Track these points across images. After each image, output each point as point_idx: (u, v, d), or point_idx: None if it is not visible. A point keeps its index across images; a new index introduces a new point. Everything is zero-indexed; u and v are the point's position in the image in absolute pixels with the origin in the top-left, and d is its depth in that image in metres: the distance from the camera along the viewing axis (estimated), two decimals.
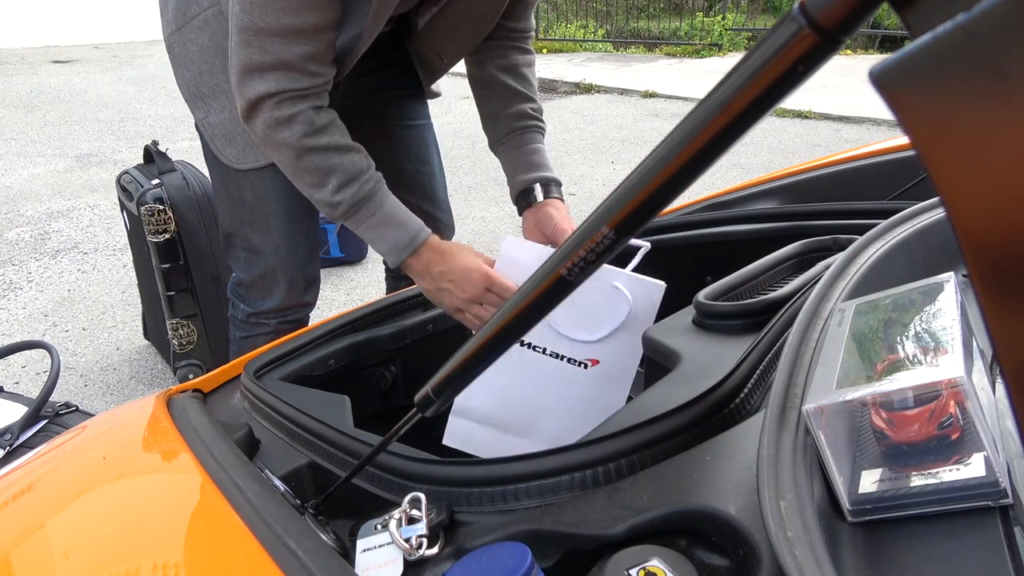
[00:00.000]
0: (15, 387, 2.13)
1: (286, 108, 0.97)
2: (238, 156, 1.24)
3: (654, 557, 0.45)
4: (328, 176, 1.01)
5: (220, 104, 1.24)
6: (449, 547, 0.54)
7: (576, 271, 0.43)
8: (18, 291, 2.83)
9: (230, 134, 1.24)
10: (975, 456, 0.41)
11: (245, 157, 1.24)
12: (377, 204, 1.03)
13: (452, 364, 0.51)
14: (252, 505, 0.56)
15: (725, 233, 1.14)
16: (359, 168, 1.02)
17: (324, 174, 1.01)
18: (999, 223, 0.24)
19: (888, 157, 1.32)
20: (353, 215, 1.03)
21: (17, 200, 3.87)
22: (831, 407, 0.45)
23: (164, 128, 5.36)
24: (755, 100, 0.32)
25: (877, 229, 0.75)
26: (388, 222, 1.03)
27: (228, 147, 1.25)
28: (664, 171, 0.37)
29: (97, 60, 8.77)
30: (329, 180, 1.01)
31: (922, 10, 0.26)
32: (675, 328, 0.78)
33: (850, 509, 0.44)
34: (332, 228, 2.98)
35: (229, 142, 1.25)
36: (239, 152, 1.24)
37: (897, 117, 0.25)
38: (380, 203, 1.03)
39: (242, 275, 1.35)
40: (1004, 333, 0.26)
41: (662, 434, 0.55)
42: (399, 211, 1.04)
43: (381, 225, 1.03)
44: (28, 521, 0.63)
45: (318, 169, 1.01)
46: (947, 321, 0.48)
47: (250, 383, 0.82)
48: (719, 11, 9.72)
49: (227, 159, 1.26)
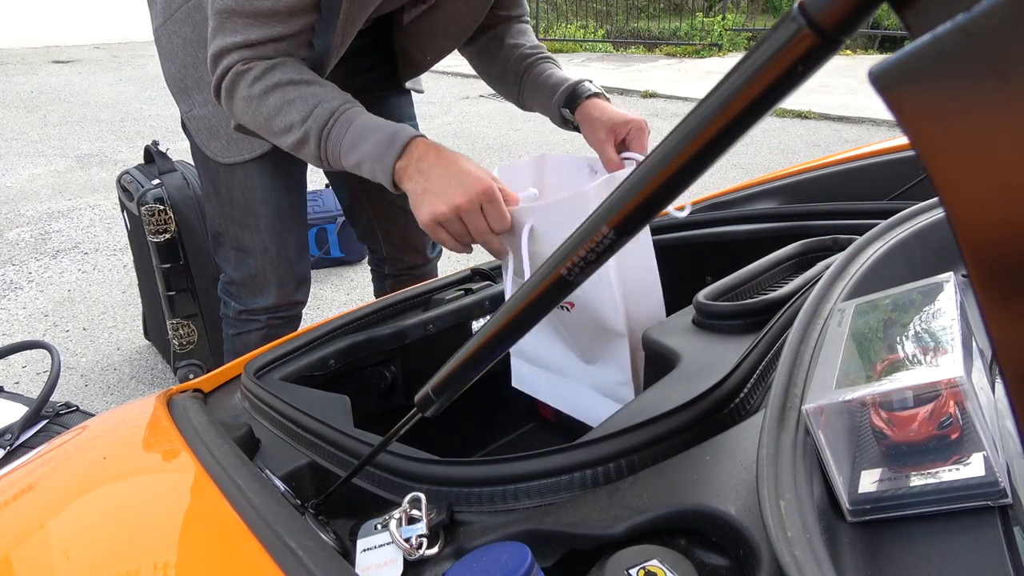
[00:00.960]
0: (15, 387, 2.13)
1: (237, 68, 0.96)
2: (223, 150, 1.24)
3: (654, 557, 0.45)
4: (291, 109, 0.94)
5: (204, 97, 1.24)
6: (449, 547, 0.54)
7: (576, 271, 0.43)
8: (18, 291, 2.83)
9: (214, 127, 1.24)
10: (974, 456, 0.41)
11: (229, 151, 1.24)
12: (347, 118, 0.93)
13: (452, 364, 0.51)
14: (252, 505, 0.56)
15: (725, 233, 1.14)
16: (321, 94, 0.95)
17: (287, 110, 0.94)
18: (999, 223, 0.24)
19: (888, 157, 1.32)
20: (327, 140, 0.93)
21: (18, 200, 3.87)
22: (831, 407, 0.45)
23: (164, 128, 5.36)
24: (755, 100, 0.32)
25: (877, 229, 0.75)
26: (364, 133, 0.91)
27: (212, 141, 1.25)
28: (664, 171, 0.37)
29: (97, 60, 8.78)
30: (292, 112, 0.94)
31: (922, 10, 0.26)
32: (675, 328, 0.78)
33: (850, 509, 0.44)
34: (332, 228, 2.98)
35: (213, 136, 1.25)
36: (223, 146, 1.24)
37: (897, 117, 0.25)
38: (351, 117, 0.93)
39: (232, 274, 1.35)
40: (1004, 333, 0.26)
41: (662, 434, 0.55)
42: (374, 121, 0.93)
43: (358, 140, 0.91)
44: (28, 521, 0.63)
45: (279, 108, 0.94)
46: (947, 321, 0.48)
47: (250, 383, 0.82)
48: (719, 11, 9.72)
49: (212, 153, 1.26)
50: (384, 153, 0.89)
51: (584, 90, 1.10)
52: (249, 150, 1.22)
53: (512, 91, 1.24)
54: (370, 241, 1.56)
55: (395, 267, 1.57)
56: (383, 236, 1.52)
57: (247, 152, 1.22)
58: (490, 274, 1.16)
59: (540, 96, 1.17)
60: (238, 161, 1.23)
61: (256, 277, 1.32)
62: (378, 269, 1.62)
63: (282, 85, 0.95)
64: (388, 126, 0.91)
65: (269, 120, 0.96)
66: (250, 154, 1.22)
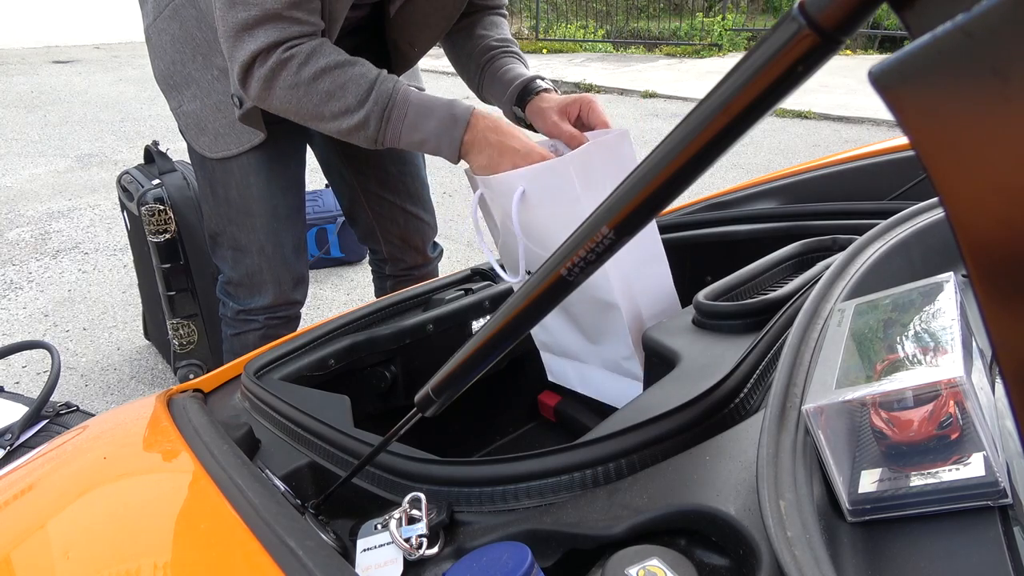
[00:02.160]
0: (15, 387, 2.13)
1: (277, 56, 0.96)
2: (211, 145, 1.25)
3: (654, 557, 0.45)
4: (344, 93, 0.96)
5: (192, 93, 1.25)
6: (449, 547, 0.54)
7: (576, 271, 0.43)
8: (19, 291, 2.83)
9: (202, 123, 1.25)
10: (974, 456, 0.41)
11: (217, 145, 1.24)
12: (404, 97, 0.97)
13: (452, 364, 0.51)
14: (252, 505, 0.56)
15: (725, 233, 1.14)
16: (370, 74, 0.97)
17: (340, 94, 0.96)
18: (999, 224, 0.24)
19: (888, 157, 1.32)
20: (388, 122, 0.97)
21: (18, 200, 3.87)
22: (831, 407, 0.45)
23: (164, 128, 5.36)
24: (755, 100, 0.32)
25: (877, 229, 0.75)
26: (423, 112, 0.96)
27: (201, 136, 1.26)
28: (664, 171, 0.37)
29: (98, 60, 8.78)
30: (347, 96, 0.96)
31: (922, 10, 0.26)
32: (675, 328, 0.78)
33: (850, 509, 0.44)
34: (332, 228, 2.98)
35: (201, 131, 1.26)
36: (211, 141, 1.25)
37: (897, 117, 0.25)
38: (407, 96, 0.97)
39: (230, 274, 1.35)
40: (1004, 333, 0.26)
41: (662, 434, 0.55)
42: (428, 97, 0.98)
43: (420, 117, 0.96)
44: (28, 521, 0.63)
45: (331, 93, 0.96)
46: (947, 321, 0.48)
47: (250, 383, 0.82)
48: (719, 11, 9.72)
49: (200, 148, 1.27)
50: (450, 129, 0.94)
51: (535, 87, 1.09)
52: (237, 144, 1.23)
53: (474, 82, 1.24)
54: (371, 242, 1.56)
55: (396, 267, 1.57)
56: (383, 237, 1.52)
57: (235, 146, 1.22)
58: (490, 274, 1.16)
59: (496, 91, 1.17)
60: (227, 156, 1.24)
61: (253, 276, 1.33)
62: (379, 269, 1.62)
63: (330, 69, 0.96)
64: (443, 104, 0.96)
65: (320, 106, 0.98)
66: (238, 148, 1.22)
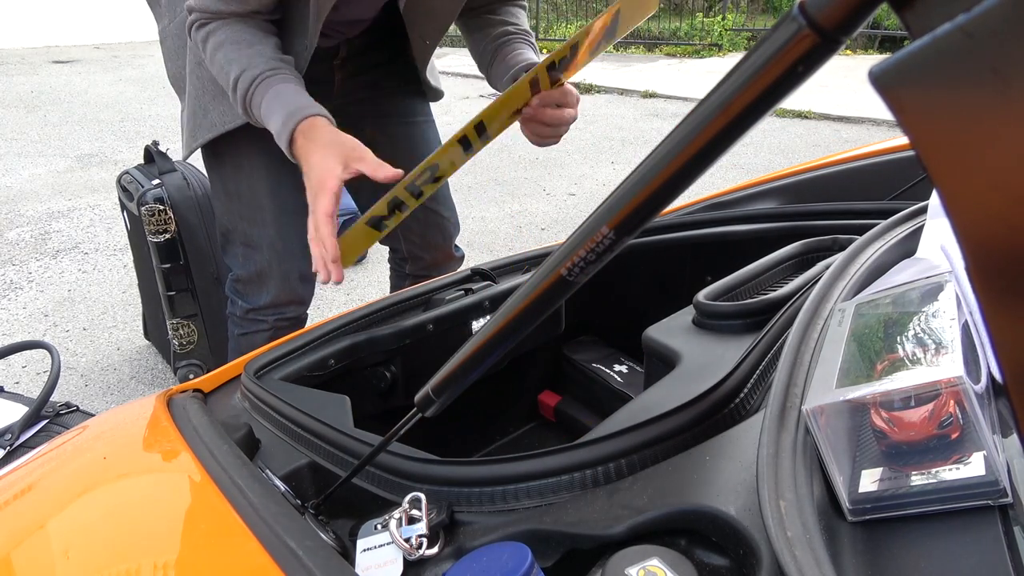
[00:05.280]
0: (15, 387, 2.13)
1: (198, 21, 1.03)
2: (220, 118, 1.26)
3: (654, 557, 0.45)
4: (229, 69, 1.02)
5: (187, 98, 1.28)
6: (449, 547, 0.54)
7: (576, 271, 0.43)
8: (18, 291, 2.83)
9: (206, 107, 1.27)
10: (975, 455, 0.41)
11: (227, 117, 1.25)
12: (270, 84, 1.00)
13: (452, 364, 0.51)
14: (252, 505, 0.56)
15: (725, 233, 1.14)
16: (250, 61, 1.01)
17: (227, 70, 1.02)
18: (999, 224, 0.24)
19: (888, 157, 1.32)
20: (251, 105, 1.01)
21: (18, 200, 3.87)
22: (831, 407, 0.45)
23: (164, 128, 5.36)
24: (755, 100, 0.32)
25: (877, 229, 0.75)
26: (275, 103, 0.98)
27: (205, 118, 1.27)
28: (664, 171, 0.37)
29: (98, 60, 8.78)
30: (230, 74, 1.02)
31: (922, 10, 0.26)
32: (675, 328, 0.78)
33: (850, 508, 0.44)
34: None
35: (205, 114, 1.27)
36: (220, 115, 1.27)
37: (897, 117, 0.25)
38: (272, 84, 1.00)
39: (240, 271, 1.36)
40: (1004, 333, 0.26)
41: (662, 434, 0.55)
42: (294, 94, 0.99)
43: (271, 106, 0.99)
44: (28, 521, 0.63)
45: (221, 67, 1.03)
46: (947, 321, 0.48)
47: (250, 383, 0.82)
48: (719, 11, 9.72)
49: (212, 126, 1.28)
50: (280, 132, 0.97)
51: None
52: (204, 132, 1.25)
53: (485, 68, 1.25)
54: (390, 240, 1.56)
55: (416, 266, 1.57)
56: (403, 234, 1.52)
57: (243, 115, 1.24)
58: (490, 274, 1.16)
59: (499, 74, 1.19)
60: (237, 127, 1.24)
61: (262, 273, 1.34)
62: (399, 268, 1.61)
63: (224, 45, 1.02)
64: (293, 101, 0.97)
65: (216, 78, 1.05)
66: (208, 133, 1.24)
